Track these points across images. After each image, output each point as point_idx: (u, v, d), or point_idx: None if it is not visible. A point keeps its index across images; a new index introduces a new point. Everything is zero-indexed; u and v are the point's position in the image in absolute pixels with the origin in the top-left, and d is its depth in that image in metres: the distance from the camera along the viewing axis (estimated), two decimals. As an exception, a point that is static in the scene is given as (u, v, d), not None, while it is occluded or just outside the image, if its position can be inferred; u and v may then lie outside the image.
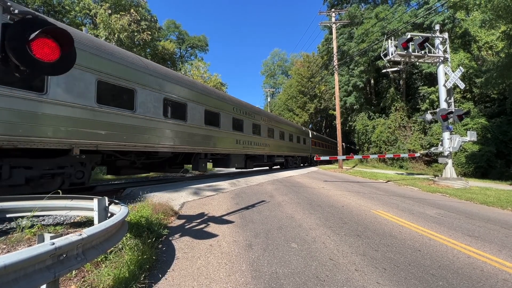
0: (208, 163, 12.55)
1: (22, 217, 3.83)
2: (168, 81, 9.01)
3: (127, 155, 8.23)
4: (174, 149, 9.11)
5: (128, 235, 3.69)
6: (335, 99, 24.55)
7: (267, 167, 21.19)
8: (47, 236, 2.06)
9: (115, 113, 7.02)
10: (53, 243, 1.88)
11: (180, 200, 7.03)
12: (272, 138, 17.54)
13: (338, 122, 23.13)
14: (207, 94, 11.24)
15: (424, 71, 24.97)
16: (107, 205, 3.61)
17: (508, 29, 14.87)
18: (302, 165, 25.35)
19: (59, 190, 4.23)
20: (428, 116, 13.13)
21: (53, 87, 5.74)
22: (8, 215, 3.98)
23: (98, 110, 6.56)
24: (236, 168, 15.36)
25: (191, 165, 11.18)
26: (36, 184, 6.08)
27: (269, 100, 56.68)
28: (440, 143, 12.64)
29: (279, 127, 18.96)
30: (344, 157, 16.89)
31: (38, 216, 4.41)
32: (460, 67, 12.61)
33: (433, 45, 12.75)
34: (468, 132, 12.26)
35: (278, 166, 21.97)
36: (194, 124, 10.10)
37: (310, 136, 27.19)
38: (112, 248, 3.17)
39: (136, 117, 7.60)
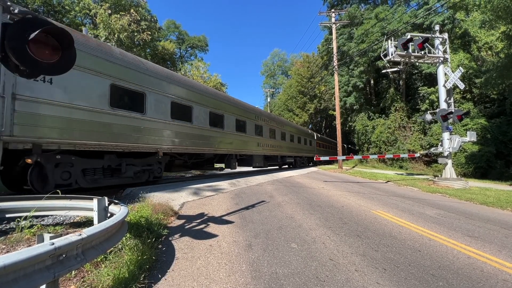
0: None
1: (22, 217, 3.83)
2: (213, 98, 11.53)
3: (182, 156, 10.50)
4: (215, 151, 11.58)
5: (128, 235, 3.68)
6: (335, 99, 24.57)
7: (277, 166, 22.99)
8: (46, 236, 2.06)
9: (181, 125, 9.45)
10: (53, 243, 1.87)
11: (180, 200, 7.03)
12: (284, 141, 19.92)
13: (338, 122, 23.14)
14: (237, 105, 13.64)
15: (424, 72, 25.01)
16: (106, 205, 3.61)
17: (508, 29, 14.88)
18: (308, 164, 26.92)
19: (58, 190, 4.22)
20: (428, 117, 13.14)
21: (148, 108, 8.05)
22: (7, 215, 3.97)
23: (171, 123, 8.97)
24: (254, 167, 17.31)
25: (223, 164, 13.77)
26: (136, 176, 8.26)
27: (269, 100, 56.69)
28: (439, 143, 12.65)
29: (289, 131, 21.36)
30: (344, 157, 16.91)
31: (37, 216, 4.40)
32: (460, 67, 12.61)
33: (433, 46, 12.75)
34: (467, 132, 12.26)
35: (286, 166, 23.49)
36: (229, 131, 12.49)
37: (315, 138, 29.36)
38: (112, 248, 3.17)
39: (193, 127, 10.08)
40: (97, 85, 6.58)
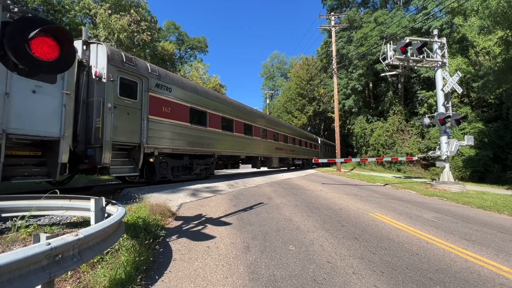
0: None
1: (18, 216, 3.79)
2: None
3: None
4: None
5: (125, 236, 3.66)
6: (334, 102, 24.68)
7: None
8: (43, 236, 2.04)
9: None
10: (49, 243, 1.85)
11: (178, 201, 7.00)
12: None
13: (336, 125, 23.21)
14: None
15: (422, 76, 25.12)
16: (104, 205, 3.58)
17: (505, 34, 15.01)
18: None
19: (56, 190, 4.19)
20: (426, 120, 13.20)
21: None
22: (3, 215, 3.94)
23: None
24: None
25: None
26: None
27: (268, 102, 56.77)
28: (437, 147, 12.70)
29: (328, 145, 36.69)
30: (343, 159, 16.94)
31: (34, 216, 4.36)
32: (458, 71, 12.69)
33: (431, 50, 12.84)
34: (465, 136, 12.33)
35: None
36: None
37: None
38: (109, 249, 3.14)
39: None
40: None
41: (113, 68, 7.15)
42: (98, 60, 7.10)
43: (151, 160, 8.43)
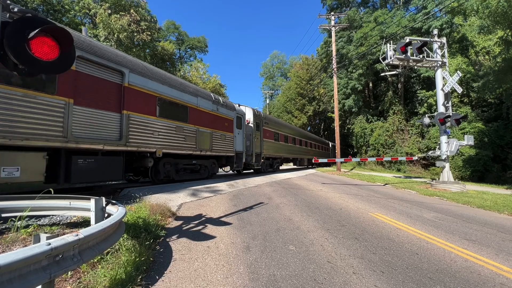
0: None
1: (17, 217, 3.79)
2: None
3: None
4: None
5: (125, 236, 3.66)
6: (333, 101, 24.70)
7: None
8: (43, 236, 2.04)
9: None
10: (49, 244, 1.85)
11: (178, 201, 6.99)
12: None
13: (336, 124, 23.22)
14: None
15: (422, 75, 25.14)
16: (104, 205, 3.58)
17: (505, 34, 15.02)
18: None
19: (50, 189, 4.19)
20: (426, 120, 13.20)
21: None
22: (3, 215, 3.93)
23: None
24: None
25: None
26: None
27: (267, 102, 56.76)
28: (437, 146, 12.70)
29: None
30: (342, 159, 16.94)
31: (34, 216, 4.36)
32: (458, 71, 12.68)
33: (431, 50, 12.83)
34: (465, 136, 12.32)
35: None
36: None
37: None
38: (109, 249, 3.14)
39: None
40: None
41: (254, 118, 15.42)
42: (246, 114, 15.12)
43: (262, 160, 16.13)
